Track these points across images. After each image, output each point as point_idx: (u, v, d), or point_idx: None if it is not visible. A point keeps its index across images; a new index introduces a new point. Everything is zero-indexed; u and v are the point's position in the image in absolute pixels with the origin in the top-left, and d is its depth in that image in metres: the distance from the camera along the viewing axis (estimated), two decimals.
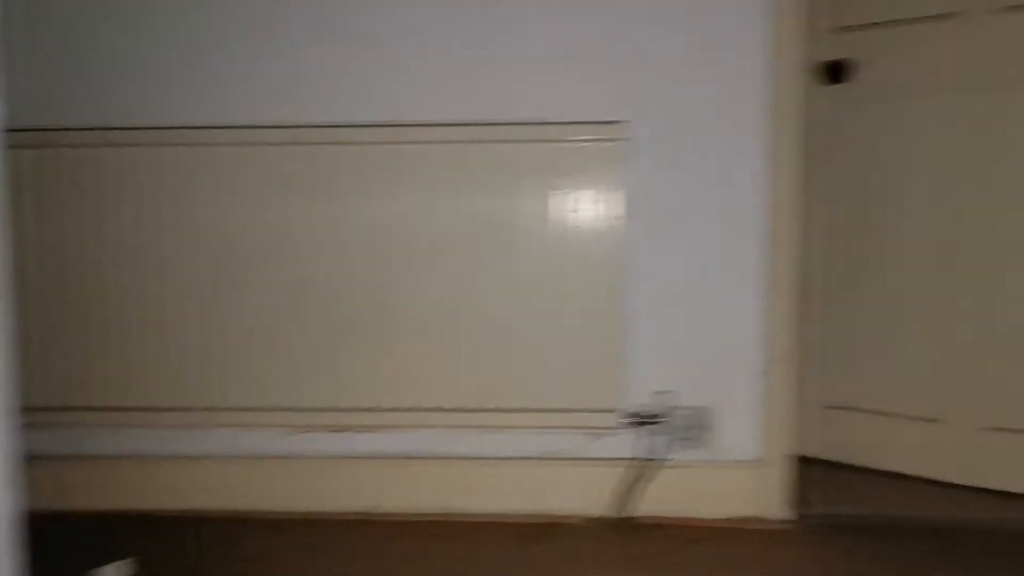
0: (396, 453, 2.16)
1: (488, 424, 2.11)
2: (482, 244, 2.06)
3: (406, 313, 2.09)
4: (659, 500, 2.11)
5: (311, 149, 2.07)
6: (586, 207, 2.04)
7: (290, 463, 2.17)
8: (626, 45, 2.03)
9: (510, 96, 2.06)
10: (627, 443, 2.12)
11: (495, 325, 2.08)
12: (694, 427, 2.11)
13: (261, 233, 2.08)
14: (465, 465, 2.15)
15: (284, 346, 2.11)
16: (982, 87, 2.21)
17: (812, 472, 2.37)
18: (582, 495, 2.13)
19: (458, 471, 2.15)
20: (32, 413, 1.73)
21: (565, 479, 2.14)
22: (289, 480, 2.17)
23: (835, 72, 2.39)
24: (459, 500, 2.15)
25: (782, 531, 2.07)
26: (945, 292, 2.29)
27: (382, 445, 2.15)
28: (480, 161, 2.05)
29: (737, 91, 2.02)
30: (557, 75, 2.05)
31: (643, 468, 2.11)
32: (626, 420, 2.09)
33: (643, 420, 2.10)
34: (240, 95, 2.10)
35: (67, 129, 2.09)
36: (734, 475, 2.11)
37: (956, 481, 2.30)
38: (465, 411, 2.10)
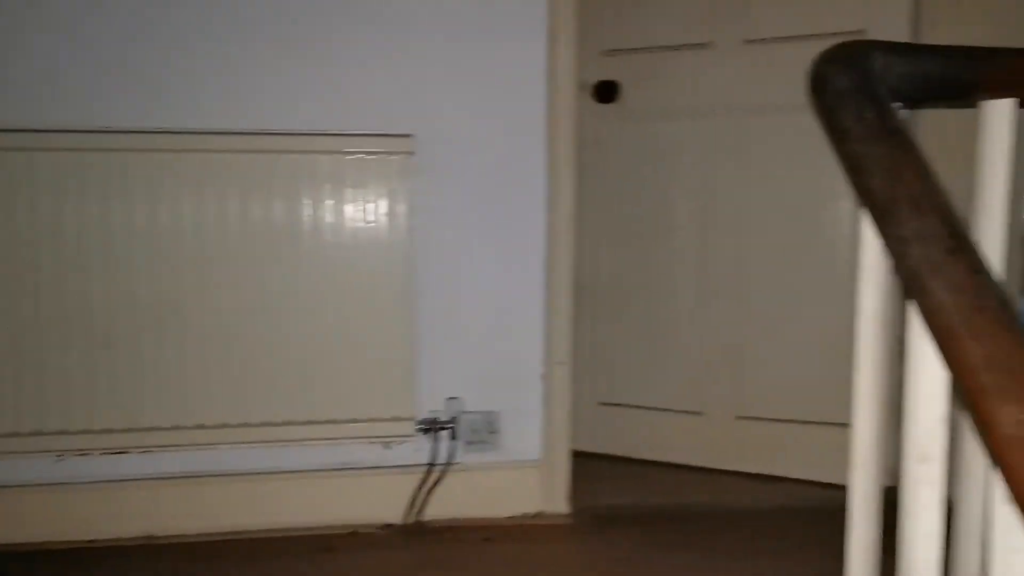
0: (180, 473, 2.08)
1: (280, 439, 2.08)
2: (270, 254, 2.04)
3: (192, 325, 2.02)
4: (452, 503, 2.18)
5: (99, 156, 1.96)
6: (375, 218, 2.07)
7: (59, 490, 2.04)
8: (413, 60, 2.08)
9: (297, 107, 2.05)
10: (421, 450, 2.17)
11: (284, 337, 2.06)
12: (482, 431, 2.20)
13: (38, 242, 1.95)
14: (258, 481, 2.11)
15: (54, 365, 1.97)
16: (730, 111, 2.46)
17: (591, 466, 2.53)
18: (378, 503, 2.16)
19: (250, 488, 2.11)
20: None
21: (361, 489, 2.16)
22: (59, 508, 2.03)
23: (605, 92, 2.57)
24: (252, 517, 2.11)
25: (563, 525, 2.20)
26: (704, 297, 2.53)
27: (164, 465, 2.07)
28: (267, 171, 2.03)
29: (518, 108, 2.13)
30: (344, 87, 2.07)
31: (435, 473, 2.17)
32: (419, 427, 2.15)
33: (435, 426, 2.16)
34: (31, 97, 1.97)
35: None
36: (520, 474, 2.22)
37: (719, 467, 2.55)
38: (254, 426, 2.06)
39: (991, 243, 0.99)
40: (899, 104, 0.91)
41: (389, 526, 2.15)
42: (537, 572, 1.96)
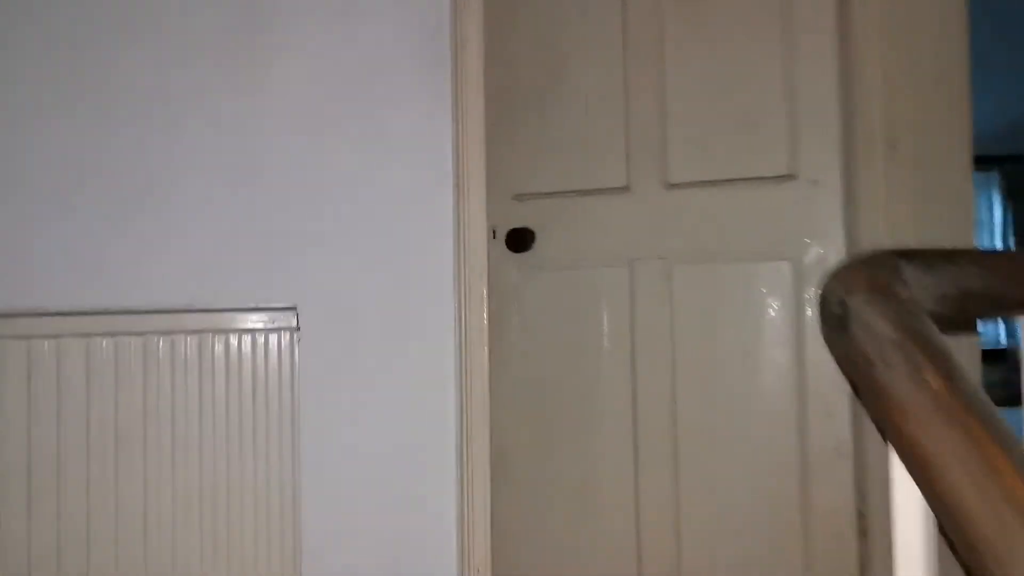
0: None
1: None
2: (156, 439, 1.67)
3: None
4: None
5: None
6: (258, 399, 1.73)
7: None
8: (294, 218, 1.79)
9: (165, 283, 1.72)
10: None
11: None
12: None
13: None
14: None
15: None
16: (652, 258, 2.24)
17: None
18: None
19: None
20: None
21: None
22: None
23: (518, 241, 2.33)
24: None
25: None
26: (634, 459, 2.25)
27: None
28: (118, 353, 1.67)
29: (425, 263, 1.86)
30: (223, 262, 1.75)
31: None
32: None
33: None
34: None
35: None
36: None
37: None
38: None
39: None
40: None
41: None
42: None
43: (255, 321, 1.72)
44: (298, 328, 1.75)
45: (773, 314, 2.14)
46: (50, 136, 1.64)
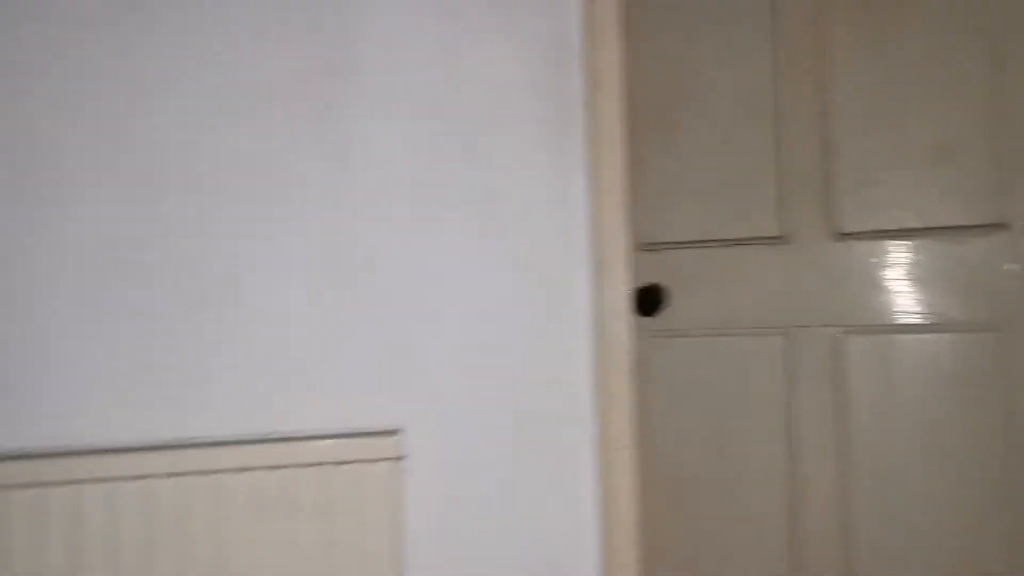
0: None
1: None
2: None
3: None
4: None
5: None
6: (356, 543, 1.38)
7: None
8: (400, 329, 1.42)
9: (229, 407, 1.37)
10: None
11: None
12: None
13: None
14: None
15: None
16: (816, 323, 1.84)
17: None
18: None
19: None
20: None
21: None
22: None
23: (647, 301, 1.93)
24: None
25: None
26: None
27: None
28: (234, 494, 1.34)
29: (557, 363, 1.48)
30: (309, 378, 1.39)
31: None
32: None
33: None
34: None
35: None
36: None
37: None
38: None
39: None
40: None
41: None
42: None
43: (351, 449, 1.37)
44: (404, 456, 1.39)
45: (972, 393, 1.72)
46: (85, 216, 1.29)
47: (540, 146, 1.43)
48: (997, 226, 1.70)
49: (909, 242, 1.76)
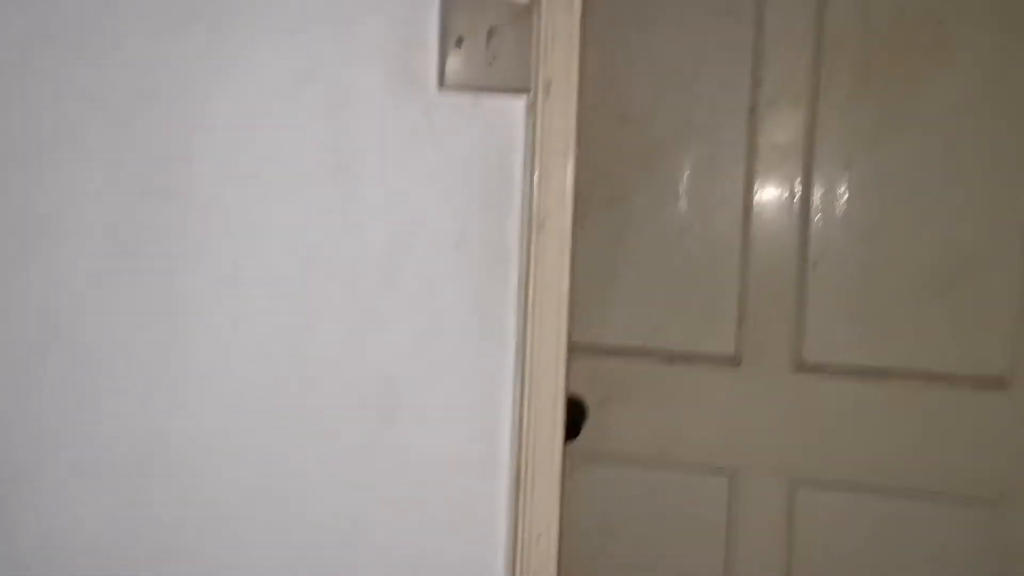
0: None
1: None
2: None
3: None
4: None
5: None
6: None
7: None
8: None
9: None
10: None
11: None
12: None
13: None
14: None
15: None
16: (765, 469, 1.50)
17: None
18: None
19: None
20: None
21: None
22: None
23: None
24: None
25: None
26: None
27: None
28: None
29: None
30: None
31: None
32: None
33: None
34: None
35: None
36: None
37: None
38: None
39: None
40: None
41: None
42: None
43: None
44: None
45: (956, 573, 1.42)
46: None
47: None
48: (996, 379, 1.39)
49: (888, 384, 1.43)
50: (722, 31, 1.42)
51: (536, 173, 0.96)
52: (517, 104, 0.92)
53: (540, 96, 0.95)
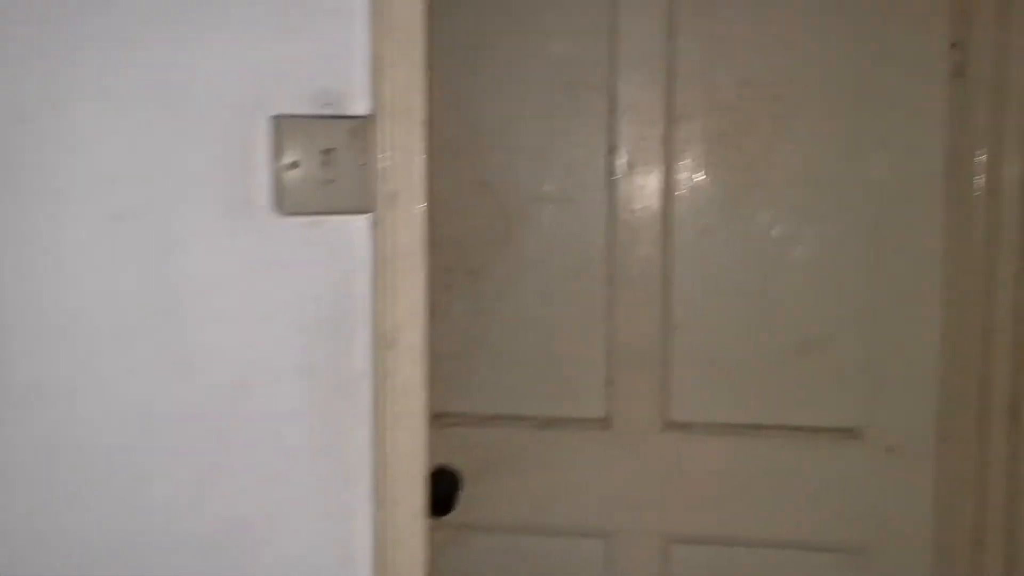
0: None
1: None
2: None
3: None
4: None
5: None
6: None
7: None
8: None
9: None
10: None
11: None
12: None
13: None
14: None
15: None
16: (640, 531, 1.51)
17: None
18: None
19: None
20: None
21: None
22: None
23: (436, 493, 1.51)
24: None
25: None
26: None
27: None
28: None
29: None
30: None
31: None
32: None
33: None
34: None
35: None
36: None
37: None
38: None
39: None
40: None
41: None
42: None
43: None
44: None
45: None
46: None
47: None
48: (854, 431, 1.44)
49: (757, 441, 1.47)
50: (576, 103, 1.41)
51: (385, 291, 0.92)
52: (360, 222, 0.88)
53: (385, 211, 0.91)
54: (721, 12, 1.38)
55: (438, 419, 1.48)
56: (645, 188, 1.44)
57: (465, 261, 1.49)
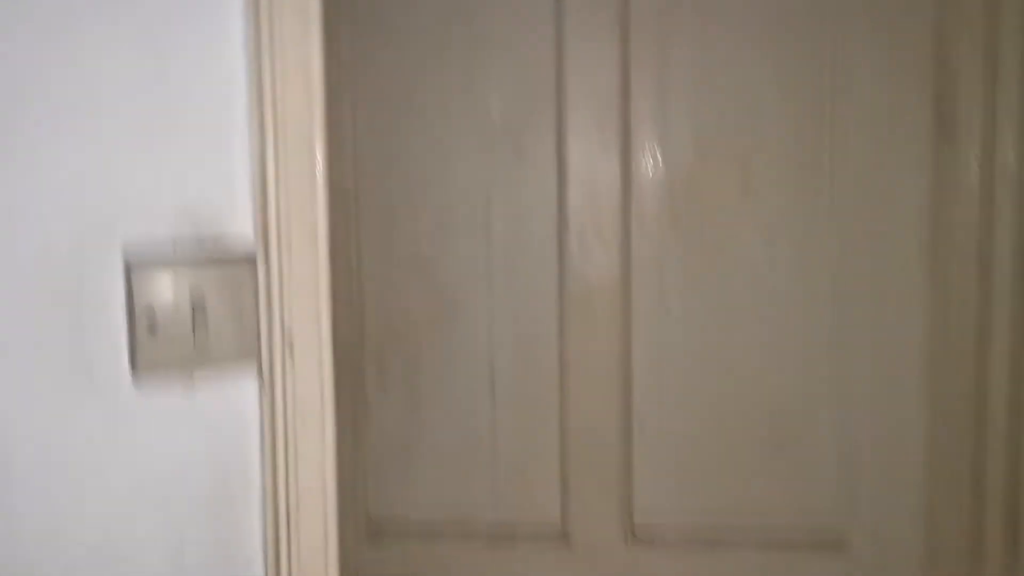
0: None
1: None
2: None
3: None
4: None
5: None
6: None
7: None
8: None
9: None
10: None
11: None
12: None
13: None
14: None
15: None
16: None
17: None
18: None
19: None
20: None
21: None
22: None
23: None
24: None
25: None
26: None
27: None
28: None
29: None
30: None
31: None
32: None
33: None
34: None
35: None
36: None
37: None
38: None
39: None
40: None
41: None
42: None
43: None
44: None
45: None
46: None
47: None
48: (836, 543, 1.28)
49: (725, 555, 1.30)
50: (520, 174, 1.23)
51: (278, 461, 0.73)
52: (246, 379, 0.69)
53: (279, 360, 0.72)
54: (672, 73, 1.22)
55: (377, 528, 1.30)
56: (600, 263, 1.27)
57: (401, 348, 1.30)
